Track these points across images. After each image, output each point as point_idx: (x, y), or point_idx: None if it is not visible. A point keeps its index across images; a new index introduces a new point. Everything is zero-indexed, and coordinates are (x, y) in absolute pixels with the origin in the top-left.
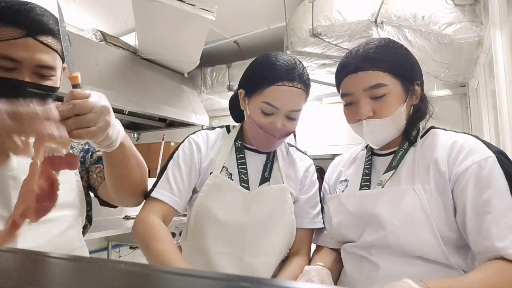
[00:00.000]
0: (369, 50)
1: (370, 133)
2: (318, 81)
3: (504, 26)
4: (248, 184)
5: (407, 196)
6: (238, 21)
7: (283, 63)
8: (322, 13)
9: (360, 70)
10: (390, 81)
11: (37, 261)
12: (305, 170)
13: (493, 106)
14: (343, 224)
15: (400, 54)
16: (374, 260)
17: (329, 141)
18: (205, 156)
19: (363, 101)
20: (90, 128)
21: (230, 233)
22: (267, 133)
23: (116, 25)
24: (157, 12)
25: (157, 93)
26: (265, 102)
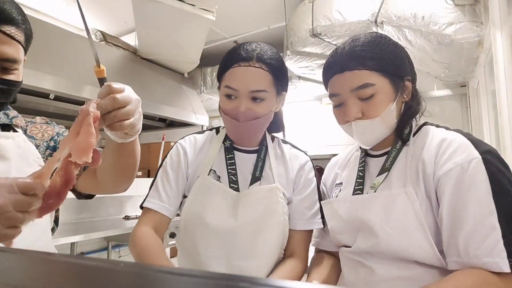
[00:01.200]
0: (355, 48)
1: (360, 134)
2: (318, 81)
3: (504, 26)
4: (238, 185)
5: (398, 200)
6: (238, 21)
7: (242, 47)
8: (322, 13)
9: (346, 69)
10: (378, 79)
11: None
12: (300, 168)
13: (493, 106)
14: (336, 230)
15: (388, 49)
16: (369, 265)
17: (329, 141)
18: (192, 161)
19: (350, 102)
20: (129, 119)
21: (219, 237)
22: (232, 119)
23: (116, 25)
24: (157, 12)
25: (157, 93)
26: (226, 86)
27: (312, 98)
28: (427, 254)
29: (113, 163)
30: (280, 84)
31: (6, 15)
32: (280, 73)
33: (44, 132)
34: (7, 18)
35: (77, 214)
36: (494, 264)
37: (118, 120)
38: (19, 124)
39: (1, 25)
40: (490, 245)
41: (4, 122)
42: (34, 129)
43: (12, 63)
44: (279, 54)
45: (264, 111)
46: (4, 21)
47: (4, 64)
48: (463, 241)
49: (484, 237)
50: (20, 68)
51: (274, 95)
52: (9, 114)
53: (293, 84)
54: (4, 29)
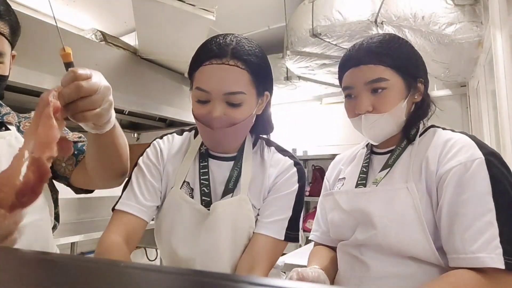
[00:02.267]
0: (372, 44)
1: (369, 128)
2: (318, 81)
3: (504, 26)
4: (210, 198)
5: (399, 195)
6: (238, 21)
7: (215, 41)
8: (322, 13)
9: (362, 63)
10: (392, 76)
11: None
12: (278, 173)
13: (493, 106)
14: (335, 222)
15: (404, 50)
16: (365, 260)
17: (329, 141)
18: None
19: (363, 95)
20: (96, 110)
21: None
22: (205, 126)
23: (116, 25)
24: (157, 12)
25: (157, 93)
26: (197, 87)
27: (312, 98)
28: (423, 248)
29: (95, 155)
30: (261, 83)
31: None
32: (260, 71)
33: None
34: None
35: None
36: (489, 259)
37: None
38: (11, 121)
39: None
40: (487, 241)
41: None
42: (27, 124)
43: None
44: (259, 48)
45: (242, 116)
46: None
47: None
48: (460, 237)
49: (481, 233)
50: (5, 62)
51: (254, 97)
52: (0, 111)
53: (293, 84)
54: None
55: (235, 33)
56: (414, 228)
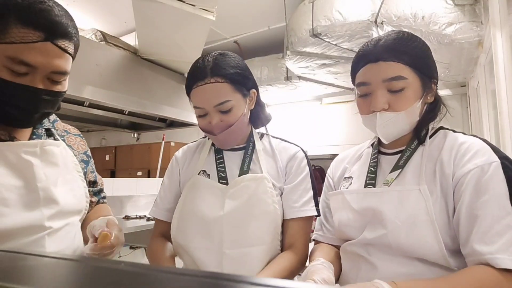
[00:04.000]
0: (391, 41)
1: (383, 126)
2: (318, 81)
3: (504, 26)
4: (227, 181)
5: (411, 197)
6: (238, 21)
7: (197, 65)
8: (322, 13)
9: (381, 59)
10: (410, 74)
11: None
12: (289, 158)
13: (493, 106)
14: (343, 221)
15: (422, 49)
16: (372, 260)
17: (329, 141)
18: (185, 167)
19: (380, 92)
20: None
21: (208, 228)
22: (209, 133)
23: (116, 25)
24: (157, 12)
25: (157, 93)
26: (194, 106)
27: (312, 98)
28: (433, 252)
29: None
30: (243, 86)
31: (63, 30)
32: (239, 77)
33: (79, 145)
34: (63, 33)
35: None
36: (508, 261)
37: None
38: (59, 128)
39: (58, 39)
40: (506, 243)
41: (48, 127)
42: (70, 139)
43: (62, 75)
44: (235, 57)
45: (235, 118)
46: (60, 35)
47: (55, 76)
48: (479, 239)
49: (500, 235)
50: (67, 79)
51: (241, 98)
52: (50, 117)
53: (293, 84)
54: (60, 44)
55: (215, 52)
56: (425, 230)
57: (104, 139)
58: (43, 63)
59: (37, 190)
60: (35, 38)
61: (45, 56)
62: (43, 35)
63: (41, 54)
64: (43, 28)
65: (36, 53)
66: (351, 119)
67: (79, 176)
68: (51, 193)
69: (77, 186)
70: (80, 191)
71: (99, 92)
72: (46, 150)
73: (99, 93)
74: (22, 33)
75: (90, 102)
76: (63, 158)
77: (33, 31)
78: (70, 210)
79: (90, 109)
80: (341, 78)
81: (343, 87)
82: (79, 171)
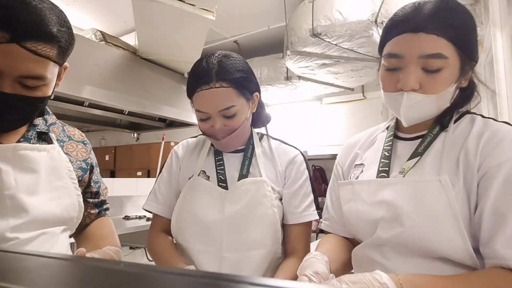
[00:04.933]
0: (437, 9)
1: (408, 108)
2: (318, 81)
3: (504, 26)
4: (226, 184)
5: (431, 188)
6: (238, 21)
7: (201, 67)
8: (322, 13)
9: (423, 30)
10: (452, 54)
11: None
12: (289, 162)
13: (493, 106)
14: (354, 214)
15: (470, 24)
16: (387, 264)
17: (329, 141)
18: (184, 162)
19: (413, 69)
20: None
21: (208, 231)
22: (211, 137)
23: (116, 25)
24: (157, 12)
25: (157, 93)
26: (197, 110)
27: (312, 98)
28: (457, 249)
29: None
30: (247, 91)
31: (36, 30)
32: (244, 82)
33: (78, 152)
34: (36, 33)
35: None
36: None
37: None
38: (55, 132)
39: (27, 41)
40: None
41: (41, 130)
42: (70, 147)
43: (36, 80)
44: (239, 59)
45: (239, 123)
46: (31, 37)
47: (26, 81)
48: (504, 241)
49: None
50: (49, 84)
51: (245, 103)
52: (47, 120)
53: (293, 84)
54: (30, 46)
55: (217, 52)
56: (447, 225)
57: (103, 139)
58: (8, 66)
59: (4, 198)
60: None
61: (9, 59)
62: (8, 35)
63: (4, 57)
64: (7, 28)
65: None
66: (351, 119)
67: (72, 183)
68: (21, 202)
69: (66, 194)
70: (70, 199)
71: (99, 92)
72: (21, 154)
73: (99, 93)
74: None
75: (89, 102)
76: (54, 164)
77: None
78: (47, 220)
79: (90, 109)
80: (341, 78)
81: (343, 87)
82: (72, 178)
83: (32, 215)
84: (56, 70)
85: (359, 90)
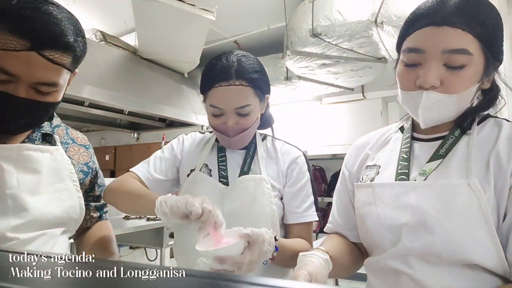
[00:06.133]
0: (464, 4)
1: (427, 108)
2: (318, 81)
3: (504, 26)
4: (228, 180)
5: (460, 192)
6: (238, 21)
7: (220, 64)
8: (322, 13)
9: (448, 24)
10: (477, 50)
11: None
12: (291, 162)
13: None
14: (372, 218)
15: (497, 20)
16: (417, 276)
17: (329, 141)
18: (187, 151)
19: (434, 64)
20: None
21: None
22: (222, 134)
23: (116, 25)
24: (157, 12)
25: (157, 93)
26: (211, 105)
27: (312, 98)
28: (491, 255)
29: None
30: (261, 91)
31: (55, 39)
32: (260, 82)
33: (80, 156)
34: (55, 43)
35: None
36: None
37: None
38: (59, 134)
39: (46, 49)
40: None
41: (46, 132)
42: (72, 150)
43: (50, 86)
44: (256, 60)
45: (251, 122)
46: (50, 46)
47: (40, 87)
48: None
49: None
50: (61, 90)
51: (258, 103)
52: (52, 121)
53: (293, 84)
54: (48, 54)
55: (235, 51)
56: (480, 233)
57: (103, 139)
58: (25, 73)
59: (5, 197)
60: (18, 46)
61: (27, 66)
62: (28, 44)
63: (23, 64)
64: (29, 37)
65: (17, 62)
66: (351, 119)
67: (74, 185)
68: (22, 201)
69: (67, 196)
70: (71, 202)
71: (99, 92)
72: (24, 155)
73: (99, 93)
74: (5, 39)
75: (89, 102)
76: (57, 165)
77: (17, 39)
78: (48, 221)
79: (90, 109)
80: (341, 78)
81: (343, 87)
82: (74, 180)
83: (33, 215)
84: (68, 77)
85: (359, 90)
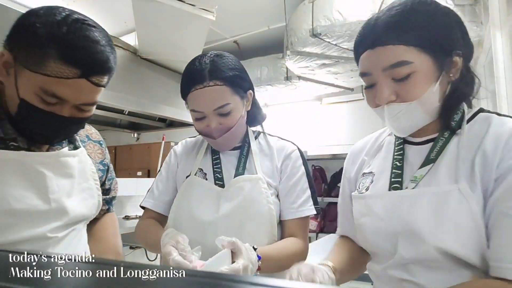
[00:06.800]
0: (390, 19)
1: (393, 120)
2: (318, 81)
3: (504, 26)
4: (223, 182)
5: (451, 199)
6: (238, 21)
7: (194, 67)
8: (322, 13)
9: (378, 44)
10: (417, 56)
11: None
12: (285, 158)
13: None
14: (369, 229)
15: (432, 19)
16: (418, 281)
17: (329, 141)
18: (182, 161)
19: (382, 83)
20: None
21: (204, 230)
22: (207, 137)
23: (116, 25)
24: (157, 12)
25: (157, 93)
26: (191, 110)
27: (312, 98)
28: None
29: None
30: (241, 88)
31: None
32: (237, 80)
33: (96, 154)
34: (101, 69)
35: None
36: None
37: None
38: (81, 134)
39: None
40: None
41: None
42: (88, 148)
43: (92, 105)
44: (232, 58)
45: (234, 121)
46: (97, 72)
47: (83, 107)
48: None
49: None
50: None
51: (239, 101)
52: None
53: (293, 84)
54: (94, 80)
55: (209, 52)
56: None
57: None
58: (74, 97)
59: (49, 201)
60: (70, 74)
61: (76, 91)
62: (79, 72)
63: (73, 89)
64: (80, 66)
65: (67, 88)
66: (351, 119)
67: (95, 184)
68: (63, 204)
69: (90, 195)
70: (93, 200)
71: None
72: (62, 161)
73: None
74: (59, 68)
75: None
76: (82, 166)
77: (70, 68)
78: (78, 219)
79: None
80: (341, 78)
81: (343, 87)
82: (95, 179)
83: (71, 216)
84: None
85: (359, 90)
